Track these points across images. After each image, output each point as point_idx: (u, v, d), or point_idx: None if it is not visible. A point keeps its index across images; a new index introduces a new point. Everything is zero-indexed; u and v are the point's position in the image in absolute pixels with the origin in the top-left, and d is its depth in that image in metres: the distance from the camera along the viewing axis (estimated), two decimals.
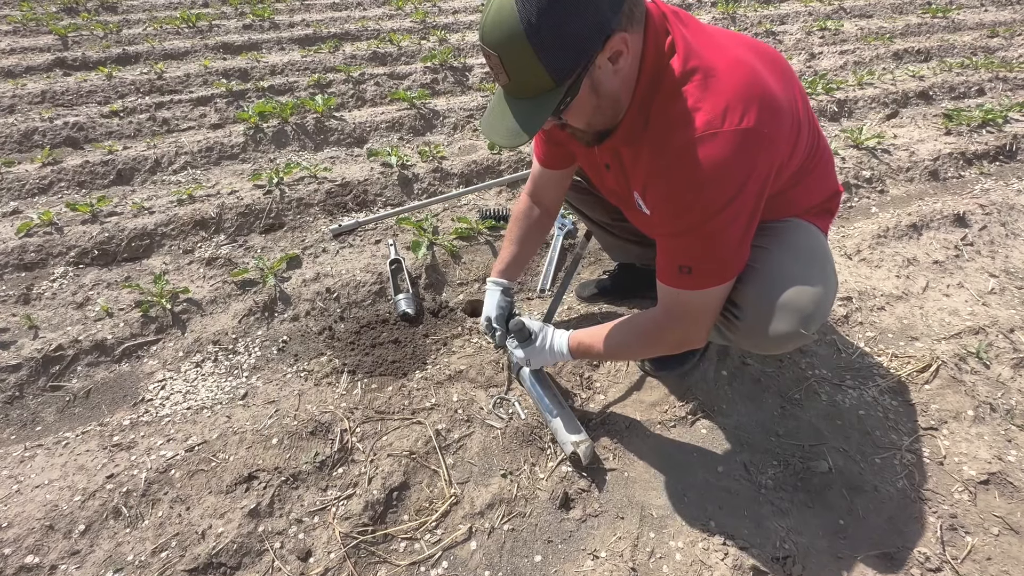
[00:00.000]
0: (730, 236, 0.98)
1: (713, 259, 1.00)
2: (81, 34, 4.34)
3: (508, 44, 0.84)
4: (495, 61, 0.87)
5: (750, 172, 0.92)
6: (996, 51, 4.16)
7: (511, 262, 1.53)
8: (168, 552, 1.14)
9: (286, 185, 2.38)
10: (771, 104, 0.92)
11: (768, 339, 1.07)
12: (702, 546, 1.15)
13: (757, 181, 0.94)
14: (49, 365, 1.62)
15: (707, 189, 0.92)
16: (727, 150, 0.89)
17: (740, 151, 0.89)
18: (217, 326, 1.76)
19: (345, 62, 3.85)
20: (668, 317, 1.12)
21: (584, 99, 0.93)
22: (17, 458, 1.36)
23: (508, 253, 1.53)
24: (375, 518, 1.21)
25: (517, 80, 0.89)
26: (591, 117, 0.99)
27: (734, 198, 0.93)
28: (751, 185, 0.94)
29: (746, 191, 0.93)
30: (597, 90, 0.93)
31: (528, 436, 1.38)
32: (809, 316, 1.04)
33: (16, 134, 2.85)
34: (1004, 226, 2.16)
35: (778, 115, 0.93)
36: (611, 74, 0.91)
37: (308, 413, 1.43)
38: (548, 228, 1.55)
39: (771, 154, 0.94)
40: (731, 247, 1.00)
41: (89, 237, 2.08)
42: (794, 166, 1.06)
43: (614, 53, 0.88)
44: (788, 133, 0.97)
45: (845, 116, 3.17)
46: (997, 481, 1.27)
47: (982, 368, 1.55)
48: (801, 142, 1.04)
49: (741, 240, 1.00)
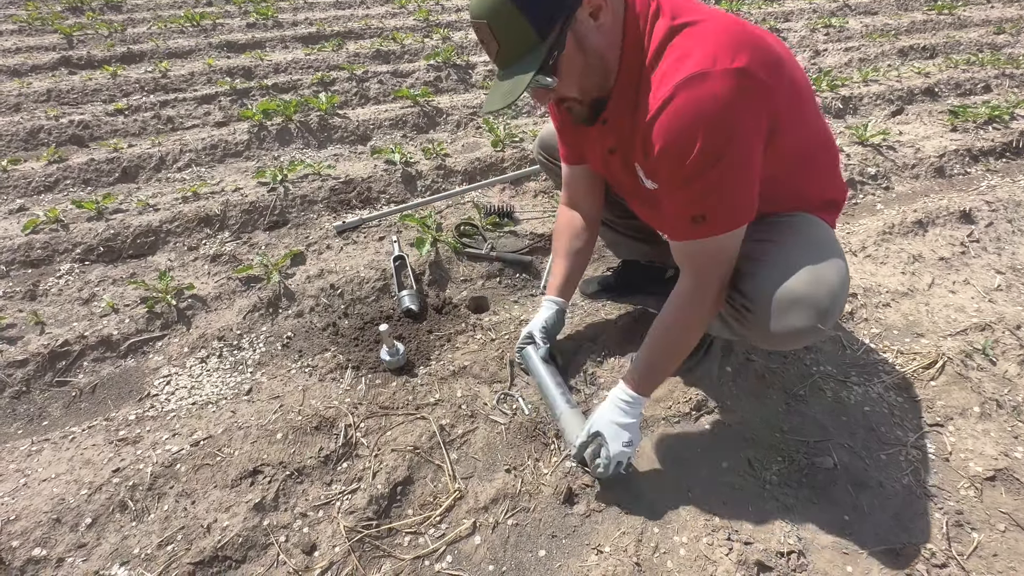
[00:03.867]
0: (736, 178, 0.97)
1: (723, 203, 0.99)
2: (86, 33, 4.35)
3: (492, 7, 0.92)
4: (485, 31, 0.94)
5: (746, 110, 0.91)
6: (1003, 48, 4.14)
7: (565, 278, 1.48)
8: (174, 545, 1.15)
9: (290, 182, 2.39)
10: (766, 52, 0.92)
11: (782, 334, 1.06)
12: (706, 541, 1.14)
13: (754, 119, 0.93)
14: (55, 360, 1.63)
15: (705, 131, 0.91)
16: (718, 89, 0.88)
17: (733, 89, 0.88)
18: (222, 322, 1.76)
19: (348, 60, 3.86)
20: (694, 277, 1.09)
21: (571, 56, 0.97)
22: (24, 452, 1.37)
23: (560, 268, 1.48)
24: (379, 512, 1.21)
25: (506, 43, 0.95)
26: (581, 78, 1.01)
27: (732, 137, 0.92)
28: (748, 122, 0.93)
29: (744, 129, 0.92)
30: (582, 45, 0.97)
31: (532, 431, 1.38)
32: (826, 311, 1.03)
33: (22, 132, 2.87)
34: (1011, 223, 2.15)
35: (773, 65, 0.92)
36: (594, 30, 0.96)
37: (312, 408, 1.44)
38: (594, 235, 1.48)
39: (766, 97, 0.93)
40: (739, 190, 0.98)
41: (95, 234, 2.09)
42: (801, 139, 1.05)
43: (594, 8, 0.94)
44: (787, 89, 0.96)
45: (850, 113, 3.16)
46: (1004, 477, 1.26)
47: (988, 365, 1.54)
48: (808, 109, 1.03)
49: (748, 183, 0.99)
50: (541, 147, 1.67)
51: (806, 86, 1.06)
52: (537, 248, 2.07)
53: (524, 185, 2.50)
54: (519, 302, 1.85)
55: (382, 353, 1.56)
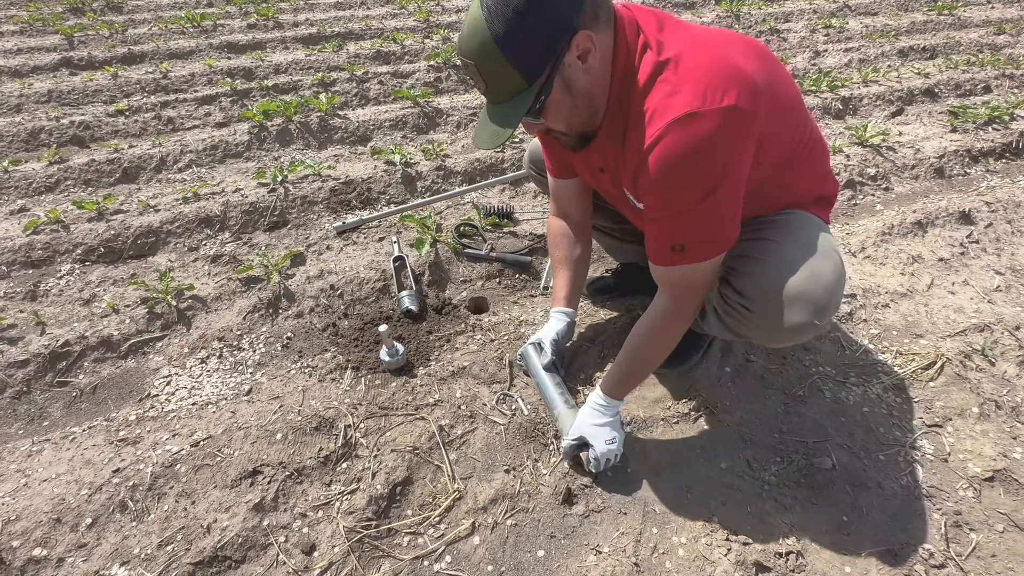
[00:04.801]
0: (721, 214, 0.99)
1: (704, 235, 1.01)
2: (87, 34, 4.36)
3: (480, 52, 0.92)
4: (473, 70, 0.95)
5: (737, 149, 0.93)
6: (1003, 48, 4.13)
7: (570, 288, 1.49)
8: (174, 545, 1.15)
9: (290, 183, 2.39)
10: (750, 83, 0.92)
11: (781, 331, 1.07)
12: (705, 542, 1.15)
13: (744, 157, 0.95)
14: (56, 361, 1.63)
15: (695, 169, 0.93)
16: (712, 129, 0.89)
17: (725, 129, 0.89)
18: (222, 323, 1.77)
19: (349, 61, 3.86)
20: (671, 299, 1.13)
21: (558, 98, 0.98)
22: (25, 452, 1.38)
23: (563, 280, 1.49)
24: (379, 513, 1.22)
25: (493, 85, 0.96)
26: (569, 118, 1.03)
27: (723, 176, 0.93)
28: (738, 162, 0.94)
29: (733, 168, 0.94)
30: (570, 88, 0.97)
31: (531, 432, 1.38)
32: (823, 307, 1.04)
33: (23, 133, 2.87)
34: (1010, 223, 2.15)
35: (756, 93, 0.93)
36: (582, 72, 0.96)
37: (312, 409, 1.44)
38: (588, 242, 1.50)
39: (754, 128, 0.94)
40: (723, 224, 1.01)
41: (95, 235, 2.10)
42: (784, 147, 1.06)
43: (582, 51, 0.94)
44: (768, 109, 0.97)
45: (850, 114, 3.16)
46: (1002, 478, 1.26)
47: (987, 365, 1.54)
48: (787, 121, 1.04)
49: (732, 214, 1.01)
50: (531, 161, 1.67)
51: (788, 92, 1.05)
52: (537, 249, 2.07)
53: (524, 186, 2.50)
54: (519, 303, 1.85)
55: (382, 354, 1.56)
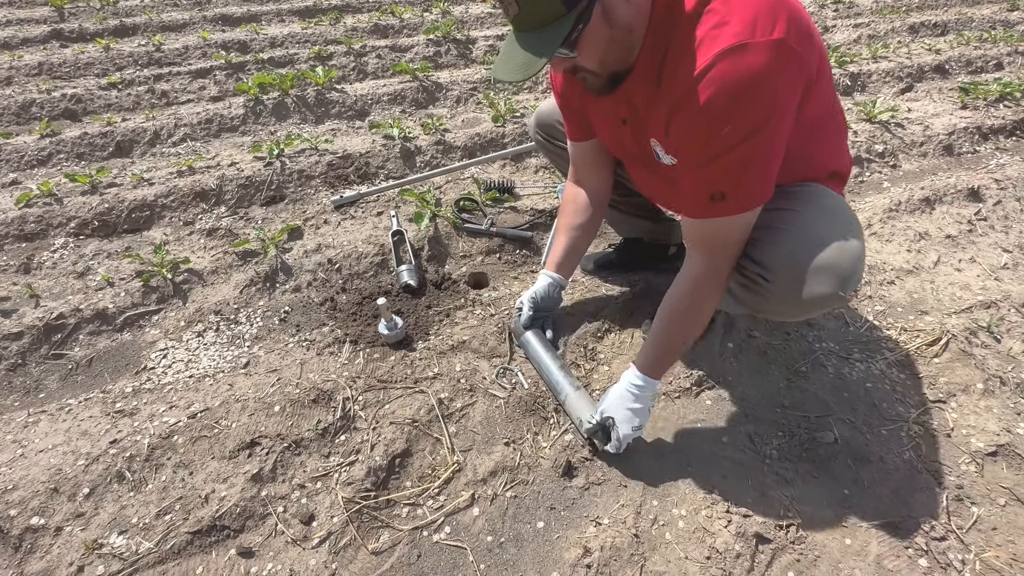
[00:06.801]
0: (764, 159, 0.93)
1: (744, 182, 0.95)
2: (78, 6, 4.25)
3: None
4: None
5: (786, 87, 0.87)
6: (1016, 25, 4.04)
7: (564, 254, 1.44)
8: (172, 515, 1.15)
9: (287, 157, 2.35)
10: (799, 20, 0.87)
11: (802, 303, 1.03)
12: (705, 514, 1.14)
13: (791, 99, 0.89)
14: (51, 333, 1.62)
15: (742, 105, 0.86)
16: (760, 61, 0.83)
17: (774, 63, 0.84)
18: (218, 296, 1.74)
19: (346, 34, 3.78)
20: (707, 258, 1.07)
21: (596, 29, 0.90)
22: (21, 423, 1.36)
23: (559, 245, 1.45)
24: (378, 484, 1.21)
25: (527, 8, 0.87)
26: (604, 53, 0.95)
27: (770, 115, 0.87)
28: (785, 96, 0.88)
29: (781, 103, 0.88)
30: (609, 19, 0.90)
31: (531, 405, 1.37)
32: (848, 277, 1.00)
33: (14, 106, 2.82)
34: (1019, 201, 2.11)
35: (807, 35, 0.88)
36: (623, 2, 0.89)
37: (310, 382, 1.43)
38: (599, 212, 1.44)
39: (802, 69, 0.89)
40: (764, 172, 0.95)
41: (89, 208, 2.06)
42: (820, 106, 1.01)
43: None
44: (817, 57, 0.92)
45: (858, 90, 3.09)
46: (1005, 453, 1.25)
47: (993, 342, 1.53)
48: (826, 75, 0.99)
49: (773, 161, 0.94)
50: (538, 126, 1.61)
51: (826, 55, 1.02)
52: (537, 224, 2.04)
53: (525, 160, 2.46)
54: (519, 278, 1.83)
55: (380, 327, 1.54)
